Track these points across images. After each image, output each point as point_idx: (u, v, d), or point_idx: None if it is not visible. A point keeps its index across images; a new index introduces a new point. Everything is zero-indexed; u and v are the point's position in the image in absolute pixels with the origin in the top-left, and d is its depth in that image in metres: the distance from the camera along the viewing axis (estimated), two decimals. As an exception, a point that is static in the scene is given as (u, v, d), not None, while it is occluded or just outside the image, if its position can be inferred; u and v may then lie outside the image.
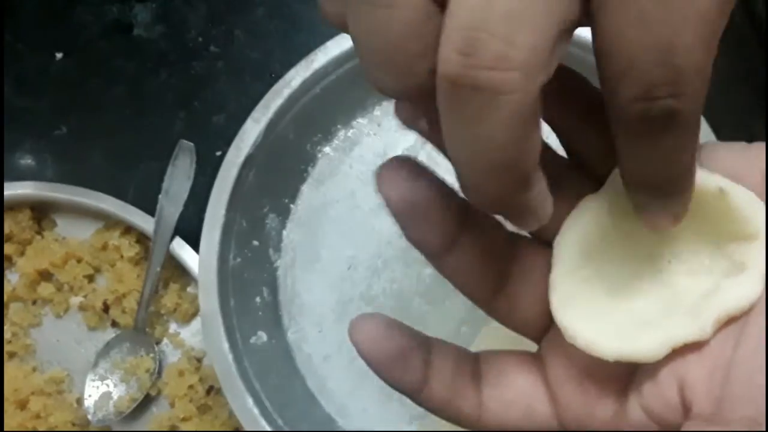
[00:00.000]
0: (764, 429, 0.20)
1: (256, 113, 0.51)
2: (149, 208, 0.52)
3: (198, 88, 0.58)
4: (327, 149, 0.55)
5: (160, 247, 0.51)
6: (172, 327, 0.54)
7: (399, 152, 0.54)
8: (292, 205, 0.55)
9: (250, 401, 0.47)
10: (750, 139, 0.26)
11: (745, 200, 0.24)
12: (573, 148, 0.24)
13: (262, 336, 0.51)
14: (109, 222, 0.54)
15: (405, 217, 0.24)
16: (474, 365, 0.25)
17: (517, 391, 0.25)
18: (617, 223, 0.24)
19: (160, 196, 0.52)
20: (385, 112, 0.55)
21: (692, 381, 0.21)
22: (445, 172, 0.23)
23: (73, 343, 0.54)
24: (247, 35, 0.59)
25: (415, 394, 0.25)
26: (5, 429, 0.51)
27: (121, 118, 0.58)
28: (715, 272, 0.24)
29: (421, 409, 0.27)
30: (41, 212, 0.55)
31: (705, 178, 0.24)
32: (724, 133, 0.48)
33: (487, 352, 0.26)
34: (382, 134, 0.55)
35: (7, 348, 0.53)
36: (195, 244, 0.50)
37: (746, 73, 0.55)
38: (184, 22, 0.60)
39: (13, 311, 0.54)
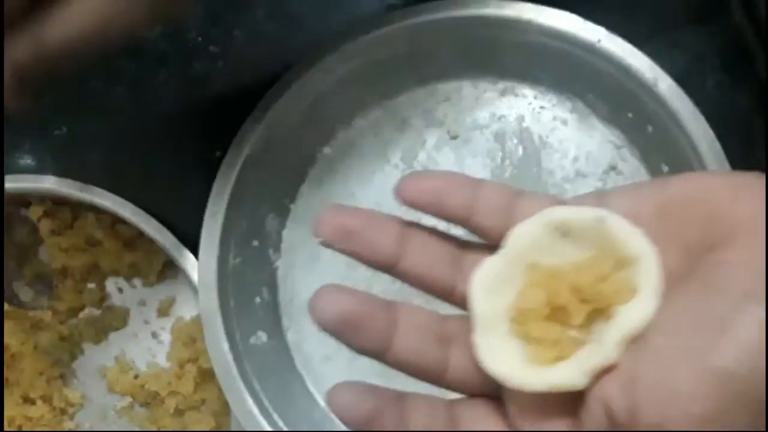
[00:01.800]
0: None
1: (255, 113, 0.51)
2: (149, 207, 0.52)
3: (198, 88, 0.58)
4: (327, 149, 0.55)
5: None
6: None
7: (398, 153, 0.54)
8: (291, 206, 0.55)
9: (249, 401, 0.47)
10: (749, 140, 0.26)
11: (620, 225, 0.27)
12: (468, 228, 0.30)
13: (262, 336, 0.51)
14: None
15: (343, 333, 0.28)
16: (448, 412, 0.29)
17: None
18: (517, 275, 0.28)
19: None
20: (384, 111, 0.55)
21: (611, 398, 0.25)
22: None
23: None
24: (246, 35, 0.59)
25: None
26: (5, 429, 0.51)
27: (120, 118, 0.58)
28: (613, 301, 0.27)
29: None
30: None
31: (584, 212, 0.28)
32: (724, 133, 0.48)
33: (458, 402, 0.30)
34: (381, 134, 0.55)
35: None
36: (194, 245, 0.50)
37: (746, 73, 0.55)
38: (184, 22, 0.60)
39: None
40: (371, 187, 0.54)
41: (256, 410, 0.47)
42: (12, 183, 0.54)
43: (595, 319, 0.27)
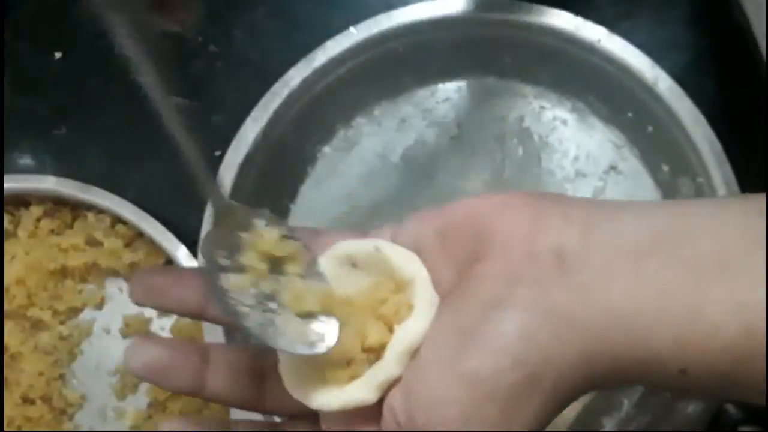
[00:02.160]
0: None
1: (255, 113, 0.51)
2: (149, 207, 0.52)
3: (197, 87, 0.58)
4: (326, 149, 0.55)
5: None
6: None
7: (399, 153, 0.54)
8: (291, 205, 0.55)
9: (249, 401, 0.47)
10: (749, 140, 0.26)
11: (394, 251, 0.30)
12: None
13: (262, 336, 0.51)
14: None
15: (157, 379, 0.31)
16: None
17: None
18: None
19: None
20: (384, 111, 0.55)
21: (395, 407, 0.27)
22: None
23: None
24: (246, 35, 0.59)
25: None
26: (5, 429, 0.51)
27: (120, 118, 0.58)
28: (395, 320, 0.29)
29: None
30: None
31: (364, 243, 0.30)
32: (724, 133, 0.48)
33: (283, 421, 0.34)
34: (381, 134, 0.55)
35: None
36: (194, 245, 0.50)
37: (747, 73, 0.55)
38: (184, 22, 0.60)
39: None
40: (371, 187, 0.54)
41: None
42: (12, 183, 0.54)
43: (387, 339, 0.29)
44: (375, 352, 0.29)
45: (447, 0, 0.51)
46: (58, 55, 0.60)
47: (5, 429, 0.51)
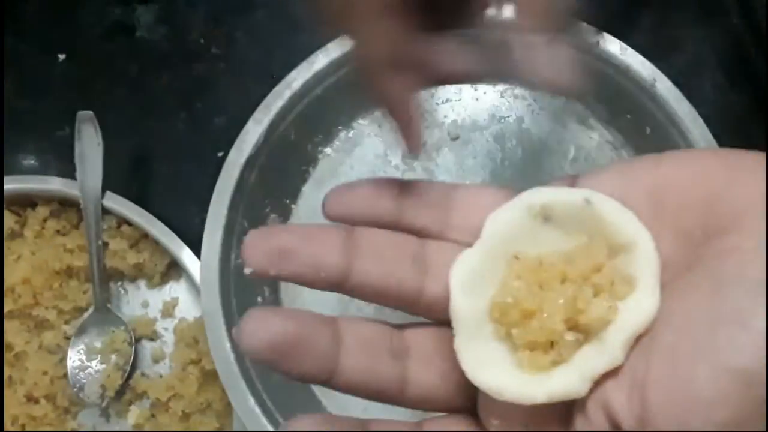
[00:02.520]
0: None
1: (257, 114, 0.51)
2: (152, 208, 0.53)
3: (199, 89, 0.59)
4: (328, 150, 0.55)
5: (94, 220, 0.53)
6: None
7: (399, 154, 0.55)
8: (293, 206, 0.55)
9: (252, 401, 0.48)
10: (747, 141, 0.26)
11: (611, 207, 0.24)
12: None
13: (264, 336, 0.51)
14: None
15: (278, 361, 0.24)
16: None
17: None
18: (499, 269, 0.25)
19: (76, 173, 0.53)
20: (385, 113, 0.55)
21: (615, 405, 0.22)
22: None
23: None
24: (248, 37, 0.60)
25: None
26: (9, 428, 0.51)
27: (123, 120, 0.58)
28: (609, 293, 0.24)
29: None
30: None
31: (569, 193, 0.24)
32: (722, 135, 0.48)
33: (432, 418, 0.26)
34: (383, 135, 0.55)
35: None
36: (197, 245, 0.50)
37: (744, 75, 0.55)
38: (186, 24, 0.60)
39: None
40: (372, 187, 0.54)
41: (258, 410, 0.47)
42: (19, 184, 0.54)
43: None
44: (584, 332, 0.24)
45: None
46: (61, 56, 0.60)
47: (9, 427, 0.51)
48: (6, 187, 0.54)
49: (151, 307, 0.56)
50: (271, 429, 0.47)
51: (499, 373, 0.23)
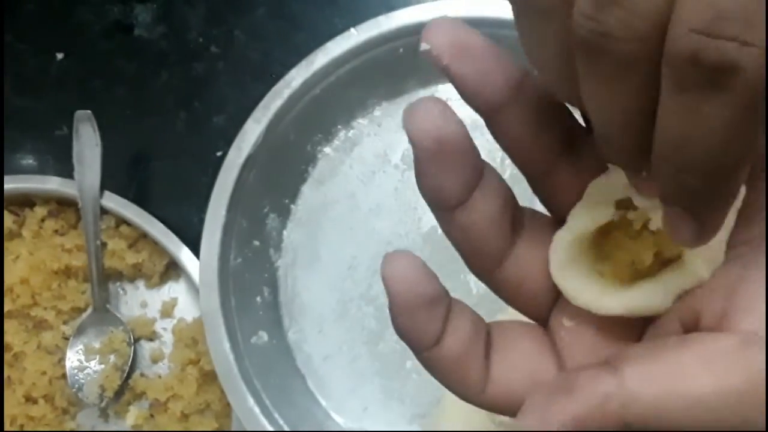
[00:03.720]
0: (763, 341, 0.19)
1: (256, 114, 0.51)
2: (151, 208, 0.53)
3: (198, 88, 0.59)
4: (327, 149, 0.55)
5: (92, 219, 0.53)
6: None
7: (399, 153, 0.55)
8: (292, 206, 0.55)
9: (251, 400, 0.47)
10: None
11: None
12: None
13: (263, 336, 0.51)
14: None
15: (428, 160, 0.23)
16: (487, 331, 0.24)
17: (523, 355, 0.24)
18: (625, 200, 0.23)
19: (74, 172, 0.53)
20: (385, 112, 0.55)
21: (696, 306, 0.21)
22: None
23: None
24: (247, 36, 0.59)
25: (426, 349, 0.23)
26: (5, 429, 0.51)
27: (122, 119, 0.58)
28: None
29: (422, 408, 0.26)
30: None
31: None
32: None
33: (498, 322, 0.25)
34: (382, 135, 0.55)
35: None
36: (196, 245, 0.50)
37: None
38: (185, 22, 0.60)
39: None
40: (372, 187, 0.54)
41: (257, 409, 0.47)
42: (17, 183, 0.54)
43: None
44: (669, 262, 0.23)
45: (447, 1, 0.52)
46: (59, 56, 0.60)
47: (8, 428, 0.51)
48: (4, 186, 0.54)
49: (150, 307, 0.55)
50: (270, 429, 0.47)
51: (581, 276, 0.23)
